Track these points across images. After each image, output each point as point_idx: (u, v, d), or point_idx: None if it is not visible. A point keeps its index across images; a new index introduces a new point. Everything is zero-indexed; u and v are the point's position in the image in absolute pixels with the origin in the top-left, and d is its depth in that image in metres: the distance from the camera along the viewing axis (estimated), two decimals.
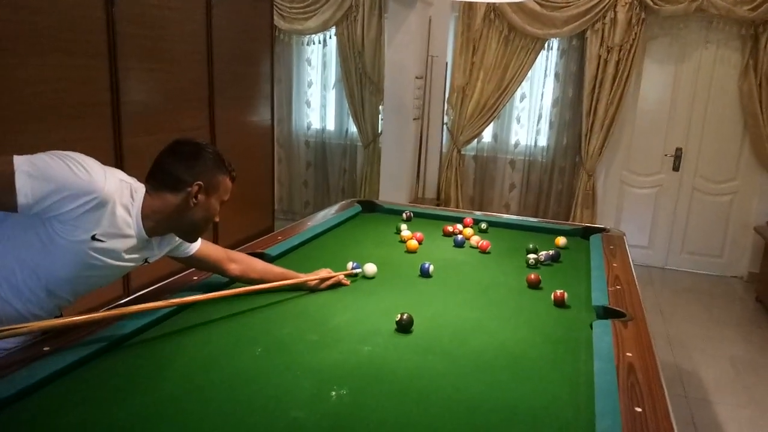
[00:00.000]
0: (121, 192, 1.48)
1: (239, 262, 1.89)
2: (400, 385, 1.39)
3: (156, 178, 1.55)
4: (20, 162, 1.31)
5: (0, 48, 2.43)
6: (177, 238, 1.70)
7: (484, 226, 2.86)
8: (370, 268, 2.13)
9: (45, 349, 1.39)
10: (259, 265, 1.94)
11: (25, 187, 1.30)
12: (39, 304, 1.49)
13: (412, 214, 2.99)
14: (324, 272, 2.01)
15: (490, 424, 1.25)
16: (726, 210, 5.13)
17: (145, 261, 1.66)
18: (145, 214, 1.53)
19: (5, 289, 1.44)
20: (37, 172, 1.32)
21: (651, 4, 4.69)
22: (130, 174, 1.58)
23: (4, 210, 1.36)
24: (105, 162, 1.50)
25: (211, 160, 1.58)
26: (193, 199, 1.55)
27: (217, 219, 1.65)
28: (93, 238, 1.43)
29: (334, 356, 1.52)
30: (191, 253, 1.77)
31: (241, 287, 1.84)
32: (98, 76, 2.91)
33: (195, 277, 1.92)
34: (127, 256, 1.56)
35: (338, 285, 2.02)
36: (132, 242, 1.54)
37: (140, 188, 1.55)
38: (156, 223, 1.56)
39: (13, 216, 1.40)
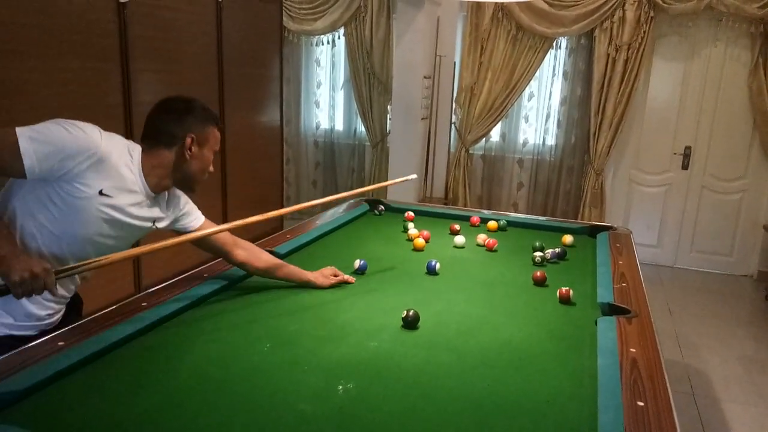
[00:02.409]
0: (120, 150, 1.57)
1: (246, 249, 1.94)
2: (406, 380, 1.41)
3: (151, 137, 1.65)
4: (22, 130, 1.43)
5: (14, 51, 2.49)
6: (182, 204, 1.80)
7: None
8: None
9: (60, 343, 1.43)
10: (264, 256, 1.98)
11: (28, 150, 1.41)
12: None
13: (413, 214, 2.99)
14: (329, 270, 2.04)
15: (494, 417, 1.27)
16: (735, 208, 5.11)
17: (153, 223, 1.72)
18: (146, 172, 1.63)
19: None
20: (38, 136, 1.43)
21: (660, 2, 4.68)
22: None
23: (14, 176, 1.47)
24: None
25: (200, 113, 1.68)
26: (188, 151, 1.65)
27: (211, 169, 1.75)
28: (100, 193, 1.53)
29: (342, 352, 1.54)
30: (197, 227, 1.82)
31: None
32: (111, 79, 2.96)
33: (205, 275, 1.95)
34: (136, 213, 1.64)
35: (344, 282, 2.05)
36: (139, 198, 1.63)
37: (137, 147, 1.64)
38: (158, 179, 1.66)
39: (26, 184, 1.49)
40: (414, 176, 2.62)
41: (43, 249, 1.53)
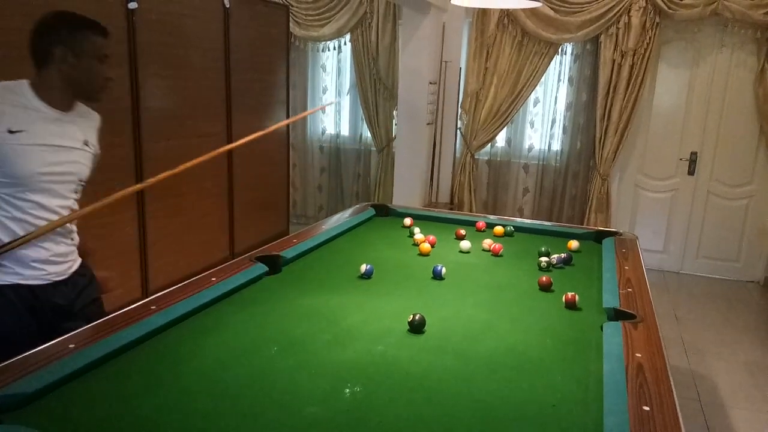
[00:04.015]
0: (3, 88, 1.66)
1: None
2: (413, 384, 1.42)
3: (34, 60, 1.71)
4: None
5: (24, 57, 2.51)
6: (95, 123, 1.89)
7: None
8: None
9: (71, 346, 1.45)
10: None
11: None
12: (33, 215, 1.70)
13: (411, 220, 2.99)
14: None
15: (499, 421, 1.28)
16: (742, 214, 5.09)
17: (86, 145, 1.81)
18: (42, 96, 1.70)
19: None
20: None
21: (665, 8, 4.69)
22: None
23: None
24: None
25: (66, 23, 1.70)
26: (63, 65, 1.69)
27: (110, 77, 1.79)
28: (10, 132, 1.62)
29: (349, 355, 1.56)
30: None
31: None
32: (119, 84, 2.98)
33: (213, 279, 1.97)
34: (58, 132, 1.71)
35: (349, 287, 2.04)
36: (48, 119, 1.70)
37: (22, 81, 1.70)
38: (58, 97, 1.72)
39: None
40: (333, 102, 2.62)
41: (14, 200, 1.65)
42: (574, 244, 2.66)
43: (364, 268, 2.16)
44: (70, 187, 1.78)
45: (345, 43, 5.87)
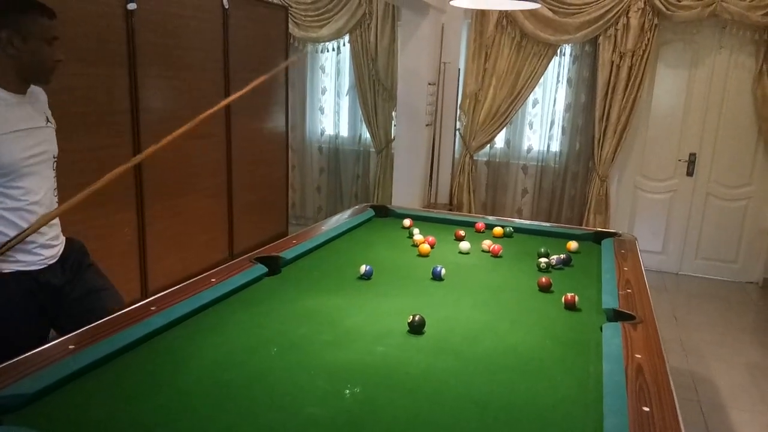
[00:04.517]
0: None
1: None
2: (413, 384, 1.42)
3: None
4: None
5: None
6: (45, 98, 1.92)
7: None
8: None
9: (71, 347, 1.45)
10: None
11: None
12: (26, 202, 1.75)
13: (410, 221, 3.00)
14: None
15: (499, 422, 1.28)
16: (741, 215, 5.10)
17: (48, 121, 1.85)
18: None
19: None
20: None
21: (664, 9, 4.70)
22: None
23: None
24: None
25: (11, 6, 1.69)
26: (10, 48, 1.69)
27: (59, 58, 1.80)
28: None
29: (348, 356, 1.55)
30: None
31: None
32: (119, 85, 2.99)
33: (213, 279, 1.97)
34: (25, 115, 1.76)
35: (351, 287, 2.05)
36: (12, 105, 1.73)
37: None
38: (11, 82, 1.73)
39: None
40: (294, 58, 2.57)
41: (4, 191, 1.70)
42: (573, 245, 2.66)
43: (363, 269, 2.16)
44: (49, 165, 1.84)
45: (344, 44, 5.88)
